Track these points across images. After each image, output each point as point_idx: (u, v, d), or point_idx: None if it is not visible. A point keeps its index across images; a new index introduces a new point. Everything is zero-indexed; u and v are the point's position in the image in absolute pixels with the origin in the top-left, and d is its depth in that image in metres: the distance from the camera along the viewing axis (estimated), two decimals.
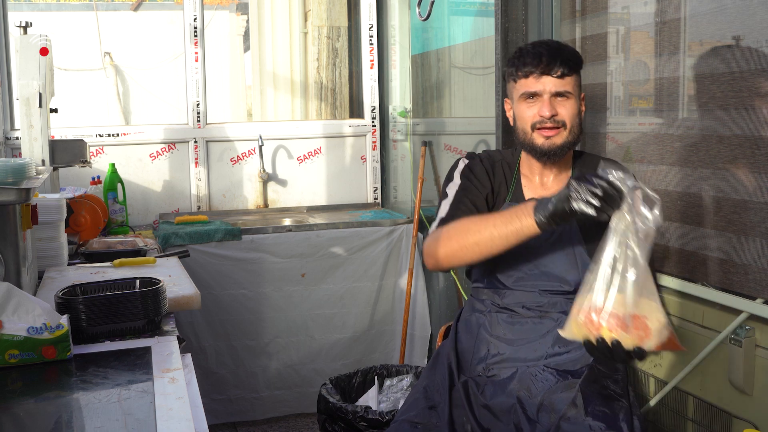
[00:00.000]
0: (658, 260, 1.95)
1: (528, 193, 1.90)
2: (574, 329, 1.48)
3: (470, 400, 1.78)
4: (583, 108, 1.87)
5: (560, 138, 1.80)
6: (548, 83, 1.78)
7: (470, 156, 1.96)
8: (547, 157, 1.82)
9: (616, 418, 1.65)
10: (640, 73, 2.08)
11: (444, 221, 1.82)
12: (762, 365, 1.65)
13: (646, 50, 2.04)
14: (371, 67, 4.04)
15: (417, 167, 3.63)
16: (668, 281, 1.91)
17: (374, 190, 4.07)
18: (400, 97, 3.97)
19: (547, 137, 1.80)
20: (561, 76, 1.78)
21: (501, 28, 2.46)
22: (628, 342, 1.43)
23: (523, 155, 1.92)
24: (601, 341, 1.44)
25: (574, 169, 1.91)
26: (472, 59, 3.45)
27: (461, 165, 1.94)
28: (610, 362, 1.55)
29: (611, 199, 1.42)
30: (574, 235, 1.81)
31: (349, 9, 4.33)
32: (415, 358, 3.62)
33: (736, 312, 1.70)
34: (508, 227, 1.60)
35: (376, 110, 4.06)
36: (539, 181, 1.90)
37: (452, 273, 3.24)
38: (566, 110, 1.79)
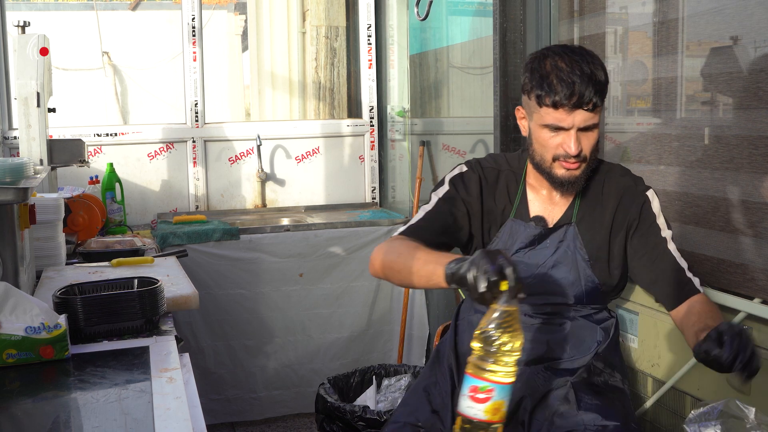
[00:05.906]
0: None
1: (534, 209, 1.78)
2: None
3: None
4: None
5: (580, 170, 1.69)
6: (578, 117, 1.62)
7: (470, 164, 1.82)
8: (565, 187, 1.71)
9: (612, 410, 1.64)
10: (638, 73, 2.09)
11: (405, 232, 1.76)
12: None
13: (644, 50, 2.04)
14: (369, 67, 4.04)
15: (415, 167, 3.64)
16: None
17: (372, 190, 4.07)
18: (399, 96, 3.97)
19: (568, 169, 1.68)
20: (592, 109, 1.62)
21: (499, 28, 2.46)
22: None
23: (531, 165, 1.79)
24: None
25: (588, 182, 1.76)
26: (471, 59, 3.45)
27: (457, 170, 1.82)
28: None
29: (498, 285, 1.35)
30: (577, 250, 1.74)
31: (348, 9, 4.32)
32: (413, 357, 3.62)
33: (734, 312, 1.70)
34: (425, 268, 1.54)
35: (375, 110, 4.06)
36: (548, 195, 1.78)
37: None
38: (589, 143, 1.66)
